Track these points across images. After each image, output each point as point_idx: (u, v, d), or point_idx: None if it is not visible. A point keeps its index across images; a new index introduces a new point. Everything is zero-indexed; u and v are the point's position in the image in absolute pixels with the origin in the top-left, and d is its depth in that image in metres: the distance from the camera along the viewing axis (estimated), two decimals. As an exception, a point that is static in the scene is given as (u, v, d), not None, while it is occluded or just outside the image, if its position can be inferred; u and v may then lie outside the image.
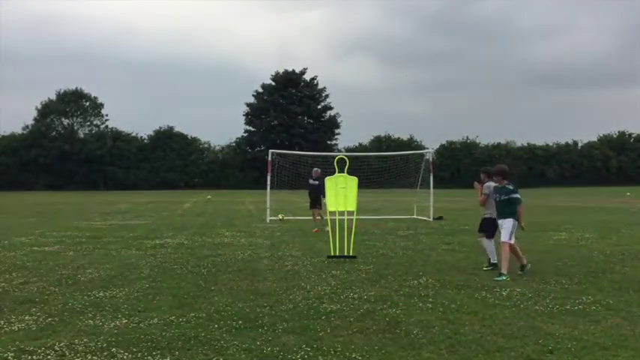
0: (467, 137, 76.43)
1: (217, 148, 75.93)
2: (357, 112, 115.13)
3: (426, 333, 5.68)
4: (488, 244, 9.53)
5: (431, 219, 20.05)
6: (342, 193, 10.96)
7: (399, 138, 76.01)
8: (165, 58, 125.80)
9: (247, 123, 74.12)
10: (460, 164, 72.92)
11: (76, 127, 70.95)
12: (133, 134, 72.96)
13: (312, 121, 74.00)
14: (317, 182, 16.58)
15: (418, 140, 75.54)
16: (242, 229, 16.62)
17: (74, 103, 70.37)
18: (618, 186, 65.91)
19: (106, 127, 71.98)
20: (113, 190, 60.80)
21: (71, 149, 65.93)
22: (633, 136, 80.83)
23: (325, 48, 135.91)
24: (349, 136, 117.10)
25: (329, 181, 11.16)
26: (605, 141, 79.90)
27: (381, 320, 6.17)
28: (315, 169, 17.39)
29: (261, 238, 14.27)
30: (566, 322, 6.11)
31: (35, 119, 68.92)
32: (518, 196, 8.92)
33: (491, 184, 9.34)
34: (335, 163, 12.15)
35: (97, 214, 23.51)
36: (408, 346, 5.28)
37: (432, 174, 21.44)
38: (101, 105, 72.43)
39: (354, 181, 11.06)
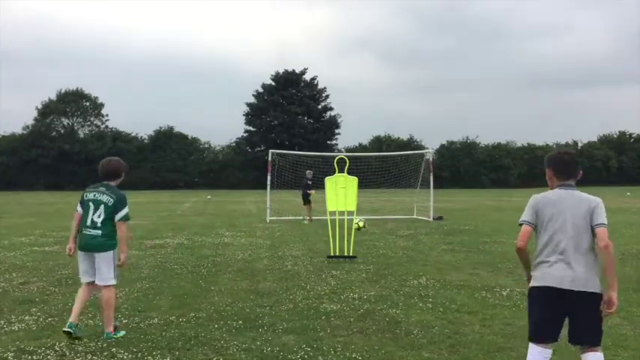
0: (467, 137, 76.39)
1: (217, 148, 75.92)
2: (357, 112, 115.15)
3: (426, 333, 5.68)
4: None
5: (431, 219, 20.04)
6: (342, 193, 10.96)
7: (399, 138, 75.90)
8: (166, 58, 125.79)
9: (247, 123, 74.05)
10: (460, 164, 72.86)
11: (76, 127, 70.90)
12: (133, 134, 72.95)
13: (312, 121, 73.90)
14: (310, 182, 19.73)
15: (418, 140, 75.45)
16: (242, 229, 16.62)
17: (74, 103, 70.26)
18: (618, 186, 65.91)
19: (106, 127, 71.98)
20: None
21: (71, 149, 65.86)
22: (633, 136, 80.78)
23: (325, 48, 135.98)
24: (349, 136, 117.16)
25: (329, 181, 11.16)
26: (605, 141, 79.88)
27: (381, 320, 6.17)
28: (309, 170, 20.09)
29: (261, 238, 14.27)
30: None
31: (35, 119, 68.86)
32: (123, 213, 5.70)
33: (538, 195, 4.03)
34: (335, 163, 12.15)
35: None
36: (408, 346, 5.28)
37: (432, 174, 21.42)
38: (101, 105, 72.40)
39: (354, 181, 11.06)
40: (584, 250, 3.73)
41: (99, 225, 5.56)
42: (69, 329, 5.41)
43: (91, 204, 5.62)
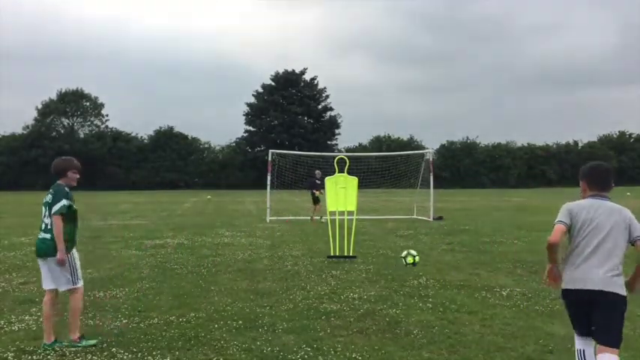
0: (467, 137, 76.48)
1: (217, 148, 75.97)
2: (357, 112, 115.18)
3: (426, 333, 5.68)
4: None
5: (431, 219, 20.04)
6: (342, 193, 10.96)
7: (399, 138, 76.00)
8: (166, 58, 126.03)
9: (247, 123, 74.13)
10: (460, 164, 72.91)
11: (76, 127, 70.99)
12: (133, 134, 73.02)
13: (312, 121, 73.97)
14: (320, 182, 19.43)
15: (418, 140, 75.59)
16: (242, 229, 16.61)
17: (74, 103, 70.38)
18: (618, 186, 65.92)
19: (106, 127, 72.05)
20: (113, 190, 60.77)
21: (71, 149, 65.87)
22: (633, 136, 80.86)
23: (325, 47, 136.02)
24: (349, 136, 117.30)
25: (329, 181, 11.16)
26: (605, 141, 79.96)
27: (381, 320, 6.17)
28: (318, 170, 19.94)
29: (261, 238, 14.26)
30: (566, 322, 6.07)
31: (35, 119, 68.99)
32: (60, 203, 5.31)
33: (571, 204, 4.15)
34: (335, 163, 12.15)
35: (97, 214, 23.50)
36: (408, 346, 5.28)
37: (432, 174, 21.43)
38: (101, 105, 72.56)
39: (354, 181, 11.06)
40: (611, 254, 3.93)
41: (49, 227, 5.28)
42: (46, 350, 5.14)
43: (42, 207, 5.43)
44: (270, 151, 21.25)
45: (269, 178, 20.68)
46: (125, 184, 66.44)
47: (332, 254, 10.56)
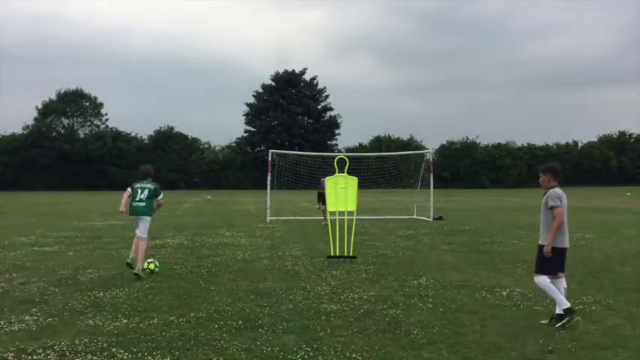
0: (467, 137, 76.35)
1: (217, 148, 75.96)
2: (357, 112, 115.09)
3: (426, 333, 5.68)
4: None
5: (431, 219, 20.05)
6: (342, 193, 10.96)
7: (399, 138, 75.90)
8: (166, 58, 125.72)
9: (247, 123, 74.11)
10: (460, 164, 72.88)
11: (76, 127, 70.95)
12: (133, 134, 73.00)
13: (312, 121, 73.96)
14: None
15: (418, 140, 75.45)
16: (242, 229, 16.62)
17: (74, 103, 70.31)
18: (618, 186, 65.94)
19: (106, 127, 72.02)
20: (113, 190, 60.78)
21: (71, 149, 65.90)
22: (633, 136, 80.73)
23: (325, 47, 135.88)
24: (349, 136, 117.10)
25: (329, 181, 11.16)
26: (605, 141, 79.82)
27: (381, 320, 6.18)
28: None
29: (261, 238, 14.27)
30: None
31: (35, 119, 68.93)
32: None
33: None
34: (335, 163, 12.16)
35: (97, 214, 23.50)
36: (408, 346, 5.28)
37: (432, 174, 21.43)
38: (101, 105, 72.48)
39: (354, 181, 11.07)
40: (545, 221, 6.30)
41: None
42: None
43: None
44: (270, 151, 21.23)
45: (269, 178, 20.67)
46: (125, 184, 66.12)
47: (332, 254, 10.57)
